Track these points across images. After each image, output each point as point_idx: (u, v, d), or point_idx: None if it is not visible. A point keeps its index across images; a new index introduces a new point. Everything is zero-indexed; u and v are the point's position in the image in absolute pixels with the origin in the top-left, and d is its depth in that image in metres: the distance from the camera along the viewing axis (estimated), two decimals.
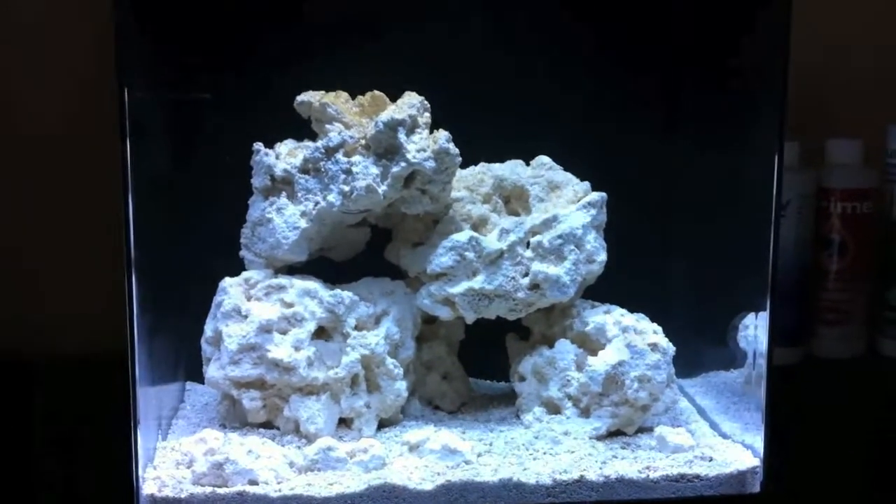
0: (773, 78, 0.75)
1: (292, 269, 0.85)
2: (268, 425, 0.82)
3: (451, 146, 0.81)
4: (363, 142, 0.81)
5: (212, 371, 0.81)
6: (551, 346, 0.86)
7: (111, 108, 0.68)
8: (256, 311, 0.80)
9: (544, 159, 0.89)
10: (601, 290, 0.88)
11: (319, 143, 0.81)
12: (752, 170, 0.80)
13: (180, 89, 0.89)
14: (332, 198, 0.80)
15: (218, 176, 0.90)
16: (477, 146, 0.86)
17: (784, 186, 1.00)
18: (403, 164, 0.80)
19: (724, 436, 0.83)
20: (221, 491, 0.71)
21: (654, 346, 0.82)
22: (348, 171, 0.80)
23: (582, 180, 0.88)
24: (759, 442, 0.77)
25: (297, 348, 0.80)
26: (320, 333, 0.82)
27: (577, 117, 0.94)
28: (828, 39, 1.08)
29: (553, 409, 0.84)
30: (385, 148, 0.80)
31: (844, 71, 1.12)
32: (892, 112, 1.08)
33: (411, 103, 0.81)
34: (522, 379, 0.87)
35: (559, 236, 0.84)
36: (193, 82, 0.90)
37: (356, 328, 0.82)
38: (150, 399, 0.75)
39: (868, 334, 1.11)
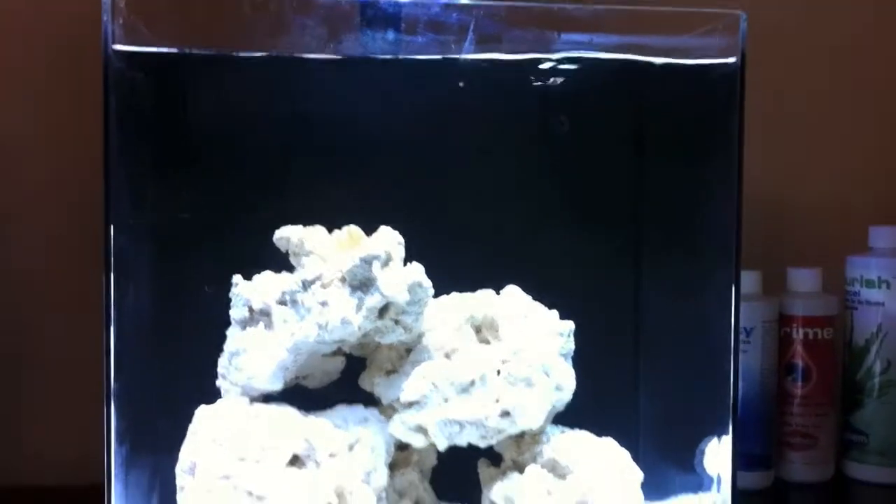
0: (729, 210, 0.79)
1: (268, 398, 0.87)
2: None
3: (424, 279, 0.84)
4: (339, 275, 0.83)
5: (186, 500, 0.81)
6: (522, 471, 0.87)
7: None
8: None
9: (514, 289, 0.92)
10: (570, 417, 0.90)
11: (297, 276, 0.84)
12: (714, 299, 0.83)
13: (161, 214, 0.92)
14: (308, 329, 0.82)
15: (196, 306, 0.92)
16: (449, 277, 0.89)
17: (748, 314, 1.03)
18: (378, 296, 0.82)
19: None
20: None
21: None
22: (324, 304, 0.82)
23: (550, 309, 0.91)
24: None
25: (270, 477, 0.81)
26: (294, 461, 0.83)
27: (546, 251, 0.98)
28: (787, 171, 1.13)
29: None
30: (360, 281, 0.83)
31: (804, 201, 1.17)
32: (850, 241, 1.13)
33: (386, 238, 0.84)
34: None
35: (529, 365, 0.86)
36: (174, 211, 0.93)
37: (330, 455, 0.83)
38: None
39: (836, 457, 1.13)
